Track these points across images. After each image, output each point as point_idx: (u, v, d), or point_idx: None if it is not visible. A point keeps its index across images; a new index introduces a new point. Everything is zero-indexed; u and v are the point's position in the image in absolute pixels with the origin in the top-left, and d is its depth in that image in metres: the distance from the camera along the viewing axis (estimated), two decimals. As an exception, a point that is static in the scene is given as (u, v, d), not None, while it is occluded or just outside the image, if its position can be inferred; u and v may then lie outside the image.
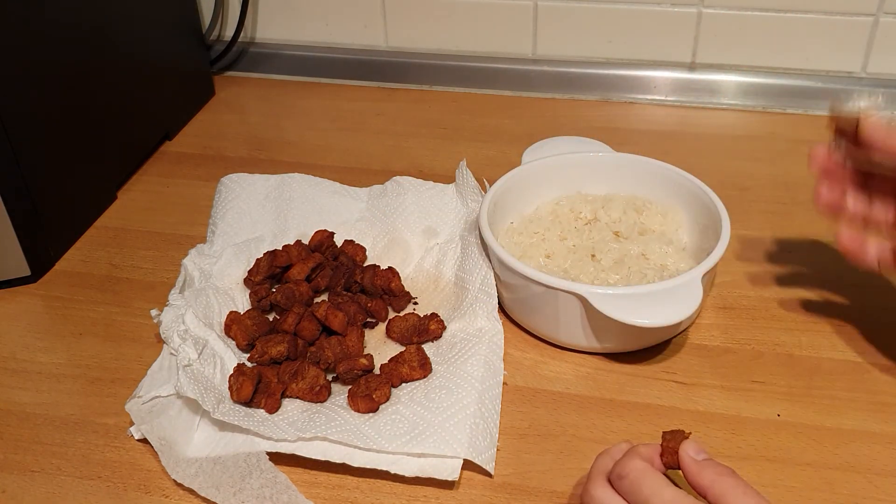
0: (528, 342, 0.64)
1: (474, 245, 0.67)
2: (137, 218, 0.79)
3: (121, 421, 0.58)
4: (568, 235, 0.68)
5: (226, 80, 1.03)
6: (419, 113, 0.95)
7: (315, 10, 1.01)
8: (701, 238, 0.67)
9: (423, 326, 0.62)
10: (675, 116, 0.93)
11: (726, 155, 0.85)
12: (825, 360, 0.61)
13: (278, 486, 0.51)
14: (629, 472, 0.44)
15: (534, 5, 0.95)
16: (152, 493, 0.53)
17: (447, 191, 0.75)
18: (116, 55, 0.81)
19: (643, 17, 0.93)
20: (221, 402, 0.56)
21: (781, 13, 0.90)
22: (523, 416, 0.57)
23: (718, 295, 0.67)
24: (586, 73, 0.97)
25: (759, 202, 0.78)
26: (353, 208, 0.75)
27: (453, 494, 0.52)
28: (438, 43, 1.00)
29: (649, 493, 0.42)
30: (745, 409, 0.57)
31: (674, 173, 0.70)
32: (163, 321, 0.61)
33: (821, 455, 0.54)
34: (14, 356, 0.64)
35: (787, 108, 0.92)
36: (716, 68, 0.95)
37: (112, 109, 0.81)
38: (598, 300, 0.56)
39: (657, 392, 0.59)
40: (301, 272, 0.66)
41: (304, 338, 0.61)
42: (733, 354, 0.62)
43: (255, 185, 0.77)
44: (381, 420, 0.55)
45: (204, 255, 0.69)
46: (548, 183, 0.72)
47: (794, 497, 0.51)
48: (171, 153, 0.89)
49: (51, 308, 0.69)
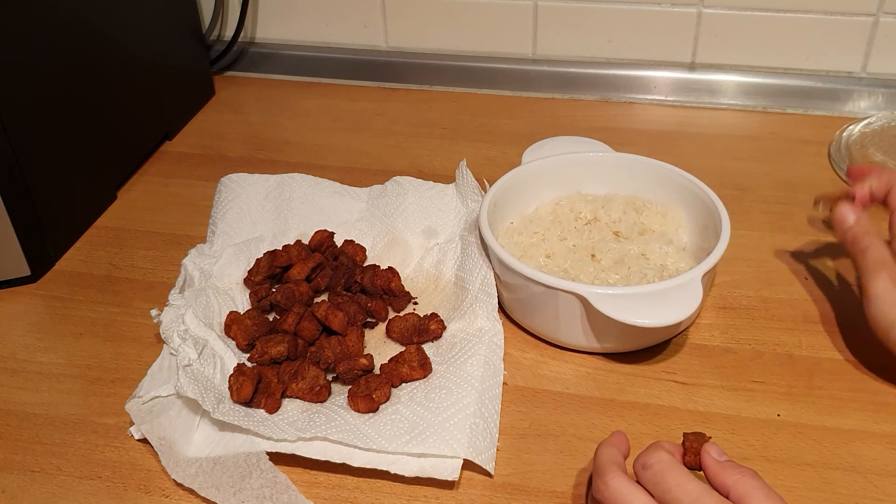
0: (528, 342, 0.64)
1: (474, 245, 0.67)
2: (137, 218, 0.79)
3: (121, 421, 0.58)
4: (568, 235, 0.68)
5: (226, 80, 1.03)
6: (419, 113, 0.95)
7: (315, 10, 1.01)
8: (701, 238, 0.67)
9: (423, 326, 0.62)
10: (675, 116, 0.93)
11: (726, 155, 0.85)
12: (825, 360, 0.61)
13: (278, 486, 0.51)
14: (654, 462, 0.44)
15: (534, 5, 0.95)
16: (152, 493, 0.53)
17: (447, 191, 0.75)
18: (116, 55, 0.81)
19: (643, 17, 0.94)
20: (221, 402, 0.56)
21: (781, 13, 0.90)
22: (523, 416, 0.57)
23: (718, 295, 0.67)
24: (586, 73, 0.97)
25: (759, 202, 0.78)
26: (353, 208, 0.75)
27: (453, 494, 0.52)
28: (438, 43, 1.00)
29: (674, 483, 0.43)
30: (745, 409, 0.57)
31: (674, 173, 0.70)
32: (163, 321, 0.61)
33: (821, 455, 0.54)
34: (14, 356, 0.64)
35: (787, 108, 0.92)
36: (716, 68, 0.95)
37: (112, 109, 0.81)
38: (598, 300, 0.56)
39: (657, 392, 0.59)
40: (301, 272, 0.66)
41: (304, 338, 0.61)
42: (733, 354, 0.62)
43: (255, 185, 0.77)
44: (381, 420, 0.55)
45: (204, 255, 0.69)
46: (548, 183, 0.72)
47: (794, 497, 0.51)
48: (171, 153, 0.89)
49: (51, 308, 0.69)
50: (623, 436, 0.49)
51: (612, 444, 0.48)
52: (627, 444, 0.49)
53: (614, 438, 0.48)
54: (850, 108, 0.91)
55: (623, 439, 0.49)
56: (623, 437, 0.49)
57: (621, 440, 0.48)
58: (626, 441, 0.49)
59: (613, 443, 0.48)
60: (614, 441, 0.48)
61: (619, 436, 0.49)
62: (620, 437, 0.49)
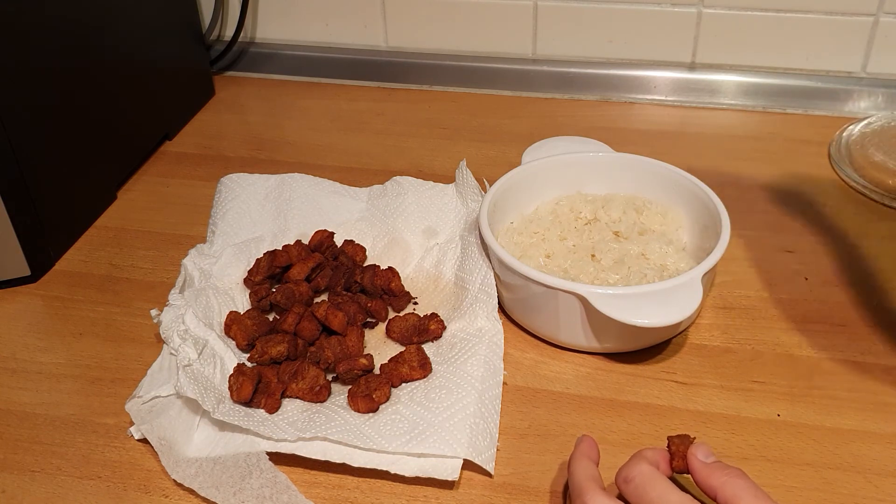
0: (528, 342, 0.64)
1: (474, 245, 0.67)
2: (137, 218, 0.79)
3: (121, 421, 0.58)
4: (568, 235, 0.68)
5: (226, 80, 1.03)
6: (419, 113, 0.95)
7: (315, 10, 1.01)
8: (701, 238, 0.67)
9: (423, 326, 0.62)
10: (675, 116, 0.93)
11: (726, 155, 0.85)
12: (825, 360, 0.61)
13: (278, 486, 0.51)
14: (636, 475, 0.44)
15: (534, 5, 0.95)
16: (152, 493, 0.53)
17: (447, 191, 0.75)
18: (116, 55, 0.81)
19: (643, 17, 0.94)
20: (221, 402, 0.56)
21: (781, 13, 0.90)
22: (523, 416, 0.57)
23: (718, 295, 0.67)
24: (586, 73, 0.97)
25: (759, 202, 0.78)
26: (353, 208, 0.75)
27: (453, 494, 0.52)
28: (438, 43, 1.00)
29: (656, 496, 0.42)
30: (745, 409, 0.57)
31: (674, 173, 0.70)
32: (163, 321, 0.61)
33: (821, 455, 0.54)
34: (14, 356, 0.64)
35: (787, 108, 0.92)
36: (716, 68, 0.95)
37: (112, 109, 0.81)
38: (598, 300, 0.56)
39: (657, 392, 0.59)
40: (301, 272, 0.66)
41: (304, 338, 0.61)
42: (733, 354, 0.62)
43: (255, 185, 0.77)
44: (381, 420, 0.55)
45: (204, 255, 0.69)
46: (548, 183, 0.72)
47: (793, 497, 0.51)
48: (171, 153, 0.89)
49: (51, 308, 0.69)
50: (591, 441, 0.49)
51: (585, 456, 0.47)
52: (597, 450, 0.48)
53: (584, 447, 0.48)
54: (850, 108, 0.91)
55: (592, 446, 0.48)
56: (591, 442, 0.48)
57: (591, 448, 0.48)
58: (596, 446, 0.48)
59: (585, 453, 0.47)
60: (585, 451, 0.48)
61: (587, 443, 0.48)
62: (589, 444, 0.48)
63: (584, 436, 0.49)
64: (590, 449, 0.48)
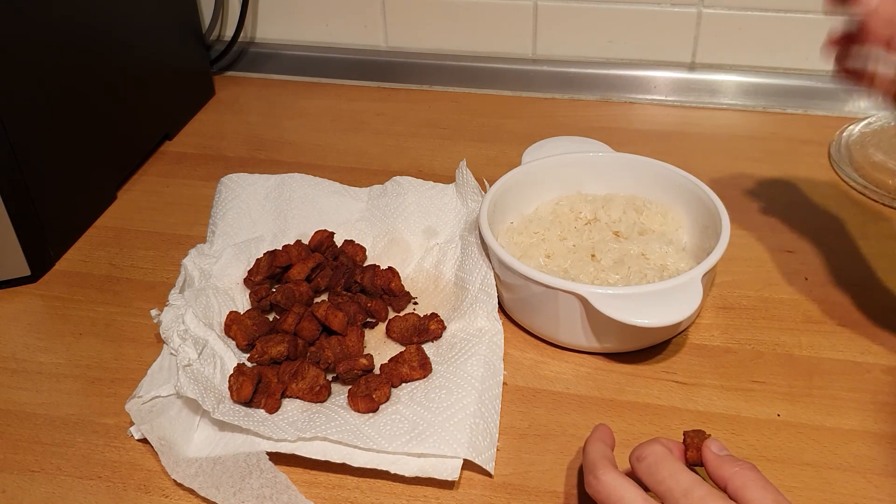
0: (528, 342, 0.64)
1: (474, 245, 0.67)
2: (137, 218, 0.79)
3: (121, 421, 0.58)
4: (568, 235, 0.68)
5: (226, 80, 1.03)
6: (419, 113, 0.95)
7: (315, 10, 1.01)
8: (701, 238, 0.67)
9: (423, 326, 0.62)
10: (675, 116, 0.93)
11: (726, 155, 0.85)
12: (825, 360, 0.61)
13: (278, 486, 0.51)
14: (649, 454, 0.45)
15: (534, 5, 0.95)
16: (152, 493, 0.53)
17: (447, 191, 0.75)
18: (116, 55, 0.81)
19: (643, 17, 0.93)
20: (221, 402, 0.56)
21: (781, 13, 0.90)
22: (523, 416, 0.57)
23: (718, 295, 0.67)
24: (586, 73, 0.97)
25: (759, 202, 0.78)
26: (353, 208, 0.75)
27: (453, 494, 0.52)
28: (438, 43, 1.00)
29: (667, 473, 0.43)
30: (745, 409, 0.57)
31: (674, 173, 0.70)
32: (163, 321, 0.61)
33: (821, 455, 0.54)
34: (14, 356, 0.64)
35: (787, 108, 0.92)
36: (716, 68, 0.95)
37: (112, 109, 0.81)
38: (598, 300, 0.56)
39: (657, 392, 0.59)
40: (301, 272, 0.66)
41: (304, 338, 0.61)
42: (733, 354, 0.62)
43: (255, 185, 0.77)
44: (381, 420, 0.55)
45: (204, 255, 0.69)
46: (548, 183, 0.72)
47: (794, 497, 0.51)
48: (171, 153, 0.89)
49: (51, 308, 0.69)
50: (607, 429, 0.50)
51: (600, 440, 0.48)
52: (613, 437, 0.50)
53: (600, 433, 0.49)
54: (850, 108, 0.91)
55: (608, 432, 0.50)
56: (607, 430, 0.50)
57: (606, 433, 0.49)
58: (611, 433, 0.50)
59: (600, 437, 0.49)
60: (600, 435, 0.49)
61: (603, 429, 0.50)
62: (605, 430, 0.50)
63: (601, 424, 0.51)
64: (605, 434, 0.49)
